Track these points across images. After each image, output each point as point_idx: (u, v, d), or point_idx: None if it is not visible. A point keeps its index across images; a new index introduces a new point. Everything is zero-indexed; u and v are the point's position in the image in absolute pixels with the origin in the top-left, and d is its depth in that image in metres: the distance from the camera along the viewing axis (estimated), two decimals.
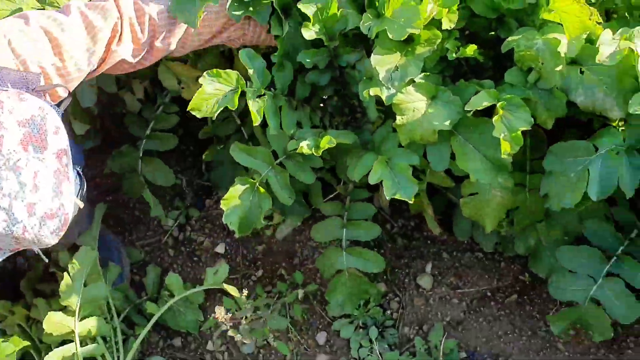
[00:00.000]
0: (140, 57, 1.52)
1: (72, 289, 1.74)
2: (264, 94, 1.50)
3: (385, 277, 1.90)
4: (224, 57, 1.91)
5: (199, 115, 1.45)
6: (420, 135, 1.45)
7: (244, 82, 1.46)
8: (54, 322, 1.71)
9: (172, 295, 1.88)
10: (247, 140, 1.96)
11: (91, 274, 1.80)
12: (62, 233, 1.56)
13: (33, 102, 1.26)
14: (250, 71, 1.50)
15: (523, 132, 1.47)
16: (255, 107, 1.46)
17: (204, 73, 1.44)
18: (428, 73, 1.48)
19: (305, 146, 1.48)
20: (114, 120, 2.14)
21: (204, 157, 2.10)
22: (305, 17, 1.50)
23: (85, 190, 1.75)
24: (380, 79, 1.42)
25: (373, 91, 1.43)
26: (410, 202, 1.46)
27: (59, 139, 1.32)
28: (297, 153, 1.55)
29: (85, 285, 1.78)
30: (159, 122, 1.99)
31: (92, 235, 1.92)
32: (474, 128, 1.44)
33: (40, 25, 1.37)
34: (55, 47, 1.38)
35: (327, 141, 1.48)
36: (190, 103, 1.43)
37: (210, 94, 1.45)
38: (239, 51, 1.49)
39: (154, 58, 1.57)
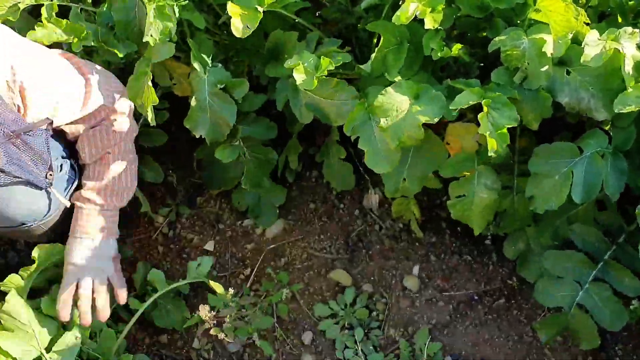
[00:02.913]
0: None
1: None
2: None
3: (372, 278, 1.89)
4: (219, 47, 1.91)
5: None
6: (407, 134, 1.43)
7: None
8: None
9: (155, 291, 1.87)
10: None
11: None
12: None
13: None
14: None
15: (512, 134, 1.45)
16: None
17: None
18: (413, 74, 1.47)
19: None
20: None
21: (196, 154, 2.10)
22: None
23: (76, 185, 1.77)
24: None
25: None
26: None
27: None
28: None
29: None
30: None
31: None
32: None
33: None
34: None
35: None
36: None
37: None
38: None
39: None
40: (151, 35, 1.50)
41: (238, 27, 1.49)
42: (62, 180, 1.70)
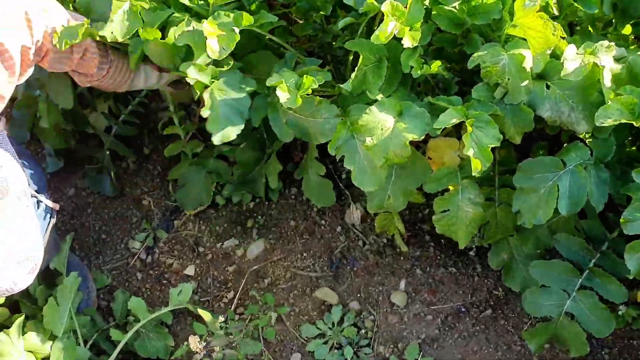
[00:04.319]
0: None
1: (59, 313, 1.71)
2: None
3: (359, 295, 1.87)
4: None
5: None
6: (393, 152, 1.42)
7: None
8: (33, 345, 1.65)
9: (137, 320, 1.82)
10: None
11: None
12: (36, 272, 1.52)
13: None
14: None
15: (492, 147, 1.46)
16: None
17: None
18: (393, 90, 1.46)
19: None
20: (77, 141, 2.08)
21: (169, 176, 2.05)
22: None
23: (54, 220, 1.70)
24: None
25: None
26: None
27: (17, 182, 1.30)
28: None
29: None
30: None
31: (62, 259, 1.86)
32: None
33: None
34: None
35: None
36: None
37: None
38: None
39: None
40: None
41: (214, 48, 1.44)
42: (40, 217, 1.63)
